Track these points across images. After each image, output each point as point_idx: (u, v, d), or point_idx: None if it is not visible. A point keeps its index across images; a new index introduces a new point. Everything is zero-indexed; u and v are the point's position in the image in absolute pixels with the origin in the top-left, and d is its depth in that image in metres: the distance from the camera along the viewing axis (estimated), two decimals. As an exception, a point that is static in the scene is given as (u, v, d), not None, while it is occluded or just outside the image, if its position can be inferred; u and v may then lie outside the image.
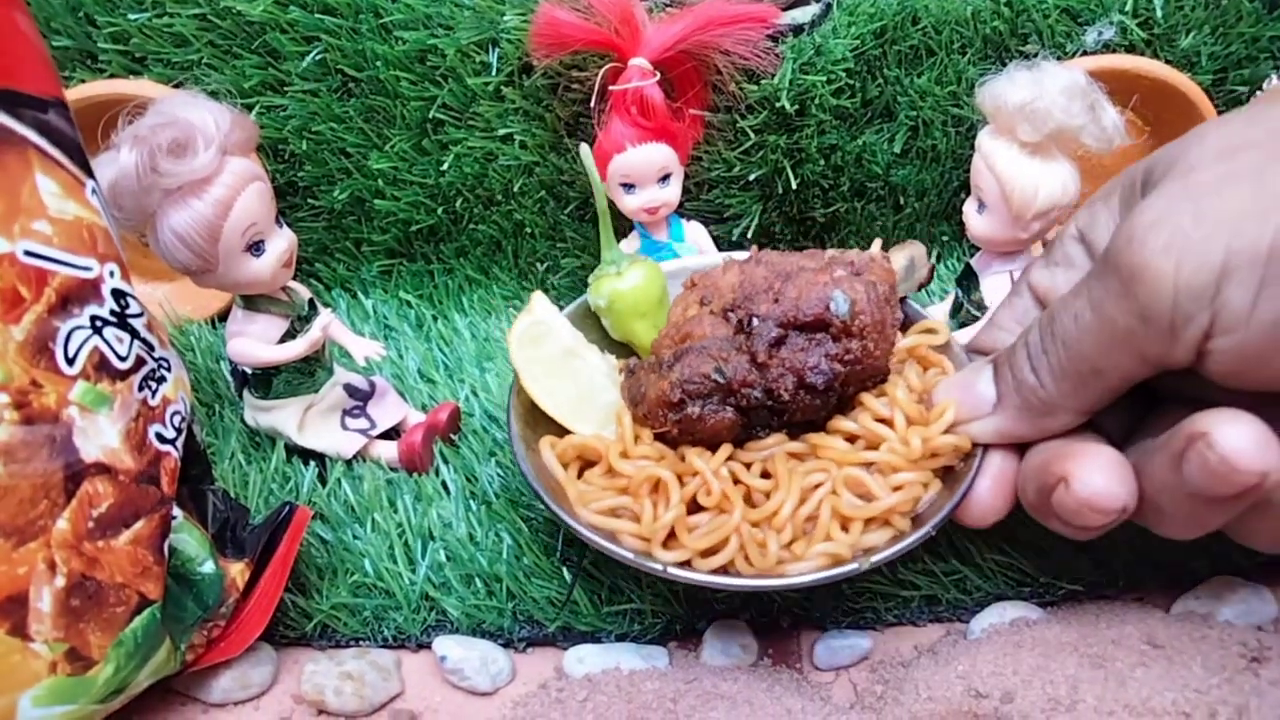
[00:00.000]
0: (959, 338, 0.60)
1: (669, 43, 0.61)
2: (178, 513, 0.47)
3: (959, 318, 0.62)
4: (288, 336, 0.57)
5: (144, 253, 0.60)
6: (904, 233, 0.75)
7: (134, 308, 0.43)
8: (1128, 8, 0.67)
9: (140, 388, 0.43)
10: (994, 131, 0.57)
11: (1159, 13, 0.67)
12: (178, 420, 0.46)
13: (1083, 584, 0.52)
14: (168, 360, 0.46)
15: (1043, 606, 0.52)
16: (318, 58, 0.66)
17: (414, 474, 0.59)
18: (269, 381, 0.58)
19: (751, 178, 0.68)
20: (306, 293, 0.59)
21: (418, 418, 0.62)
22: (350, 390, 0.61)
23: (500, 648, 0.51)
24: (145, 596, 0.43)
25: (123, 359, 0.42)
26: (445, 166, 0.69)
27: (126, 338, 0.43)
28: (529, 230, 0.73)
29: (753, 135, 0.66)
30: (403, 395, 0.65)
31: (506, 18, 0.64)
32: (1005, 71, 0.56)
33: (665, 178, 0.64)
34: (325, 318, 0.58)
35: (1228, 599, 0.49)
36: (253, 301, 0.56)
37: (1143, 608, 0.50)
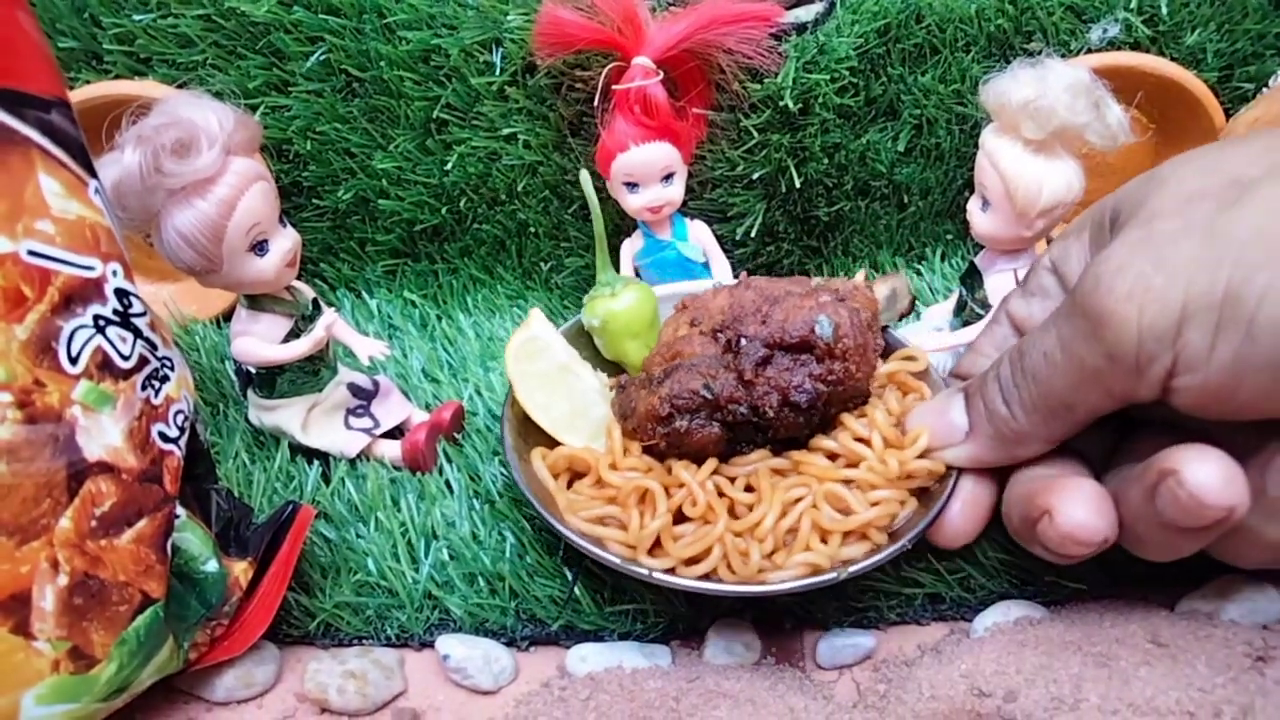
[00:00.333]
0: (963, 335, 0.60)
1: (672, 41, 0.61)
2: (181, 511, 0.47)
3: (963, 315, 0.62)
4: (292, 336, 0.57)
5: (149, 253, 0.60)
6: (908, 231, 0.75)
7: (137, 307, 0.43)
8: (1132, 5, 0.67)
9: (143, 387, 0.44)
10: (998, 129, 0.57)
11: (1164, 10, 0.67)
12: (181, 419, 0.46)
13: (1087, 583, 0.52)
14: (171, 359, 0.46)
15: (1046, 605, 0.52)
16: (322, 58, 0.66)
17: (417, 473, 0.59)
18: (273, 381, 0.58)
19: (755, 177, 0.68)
20: (310, 292, 0.59)
21: (421, 417, 0.63)
22: (354, 389, 0.61)
23: (503, 646, 0.51)
24: (148, 595, 0.43)
25: (126, 358, 0.43)
26: (449, 166, 0.69)
27: (130, 337, 0.43)
28: (533, 230, 0.73)
29: (756, 134, 0.66)
30: (407, 395, 0.65)
31: (510, 17, 0.65)
32: (1009, 69, 0.55)
33: (668, 177, 0.64)
34: (329, 317, 0.58)
35: (1233, 597, 0.49)
36: (257, 301, 0.56)
37: (1147, 606, 0.50)
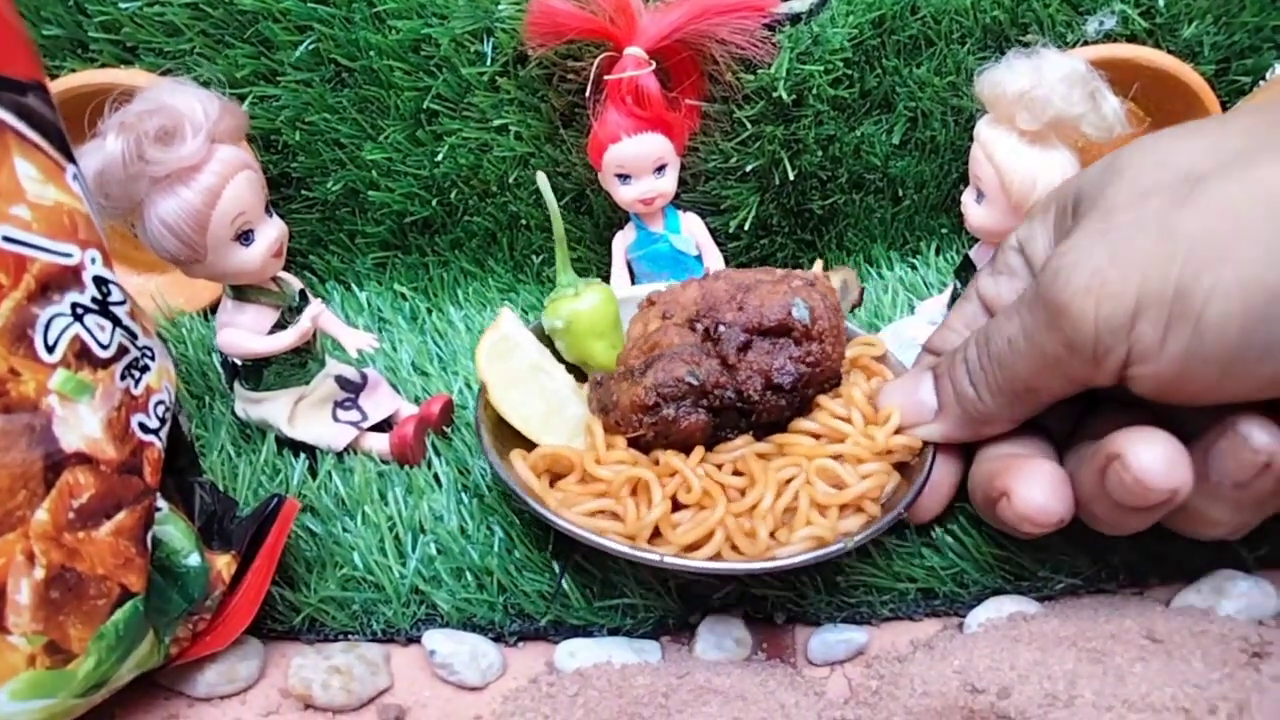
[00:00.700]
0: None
1: (665, 31, 0.61)
2: (163, 504, 0.46)
3: (958, 309, 0.61)
4: (278, 327, 0.56)
5: (136, 244, 0.59)
6: (903, 225, 0.75)
7: (116, 295, 0.42)
8: (1129, -4, 0.66)
9: (123, 376, 0.43)
10: (993, 120, 0.56)
11: (1161, 2, 0.67)
12: (161, 410, 0.45)
13: (1081, 578, 0.51)
14: (151, 349, 0.45)
15: (1040, 600, 0.51)
16: (311, 47, 0.66)
17: (405, 466, 0.59)
18: (259, 373, 0.57)
19: (748, 169, 0.67)
20: (297, 283, 0.58)
21: (410, 410, 0.62)
22: (342, 382, 0.60)
23: (490, 642, 0.51)
24: (127, 589, 0.42)
25: (104, 347, 0.42)
26: (440, 158, 0.69)
27: (108, 326, 0.42)
28: (524, 222, 0.72)
29: (749, 126, 0.66)
30: (395, 388, 0.64)
31: (501, 7, 0.64)
32: (1004, 59, 0.55)
33: (661, 168, 0.63)
34: (315, 308, 0.57)
35: (1229, 592, 0.48)
36: (242, 292, 0.55)
37: (1142, 602, 0.50)
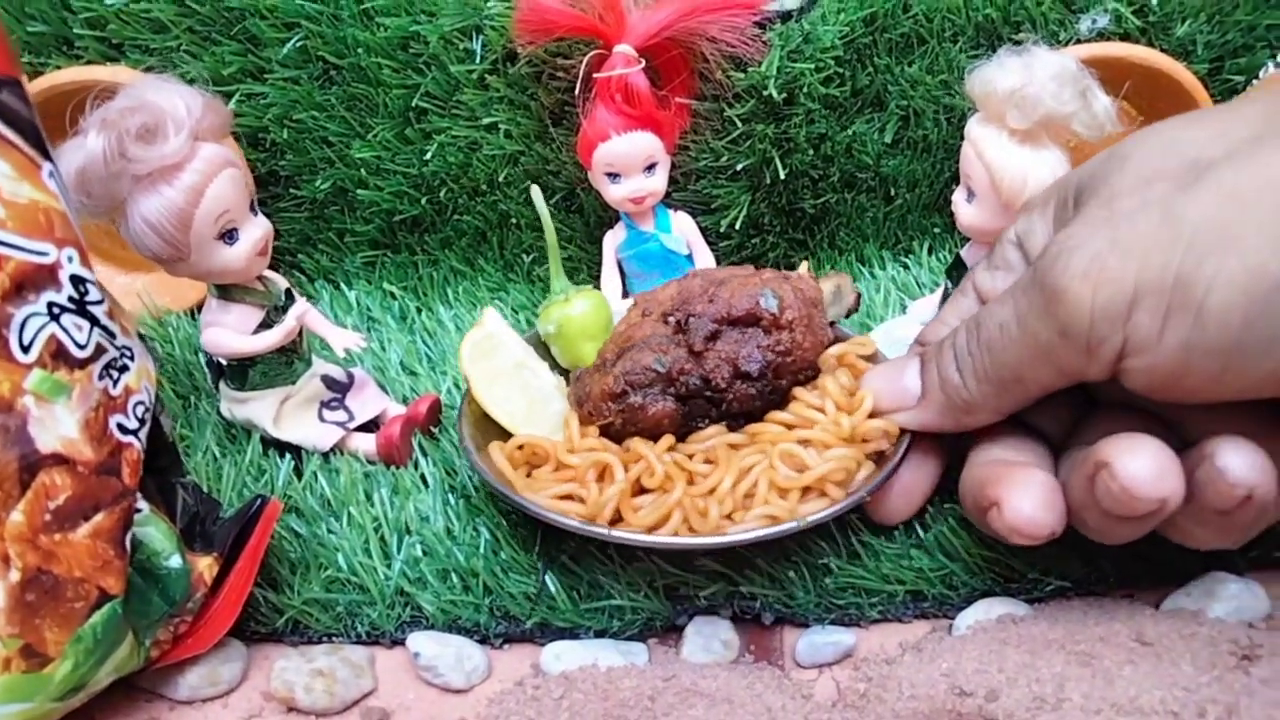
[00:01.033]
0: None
1: (654, 29, 0.60)
2: (143, 505, 0.45)
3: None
4: (264, 327, 0.56)
5: (122, 243, 0.59)
6: (895, 224, 0.74)
7: (93, 294, 0.42)
8: (1122, -5, 0.66)
9: (100, 377, 0.42)
10: (983, 118, 0.56)
11: (1154, 1, 0.66)
12: (140, 410, 0.45)
13: (1071, 580, 0.51)
14: (130, 349, 0.45)
15: (1030, 603, 0.51)
16: (298, 44, 0.65)
17: (392, 467, 0.58)
18: (245, 373, 0.57)
19: (739, 168, 0.67)
20: (283, 282, 0.58)
21: (398, 410, 0.61)
22: (328, 382, 0.60)
23: (476, 644, 0.50)
24: (105, 591, 0.42)
25: (81, 347, 0.41)
26: (429, 156, 0.68)
27: (86, 325, 0.41)
28: (514, 221, 0.72)
29: (740, 124, 0.65)
30: (384, 388, 0.64)
31: (490, 4, 0.64)
32: (995, 57, 0.54)
33: (651, 167, 0.63)
34: (300, 307, 0.57)
35: (1219, 595, 0.48)
36: (227, 291, 0.55)
37: (1132, 604, 0.49)
